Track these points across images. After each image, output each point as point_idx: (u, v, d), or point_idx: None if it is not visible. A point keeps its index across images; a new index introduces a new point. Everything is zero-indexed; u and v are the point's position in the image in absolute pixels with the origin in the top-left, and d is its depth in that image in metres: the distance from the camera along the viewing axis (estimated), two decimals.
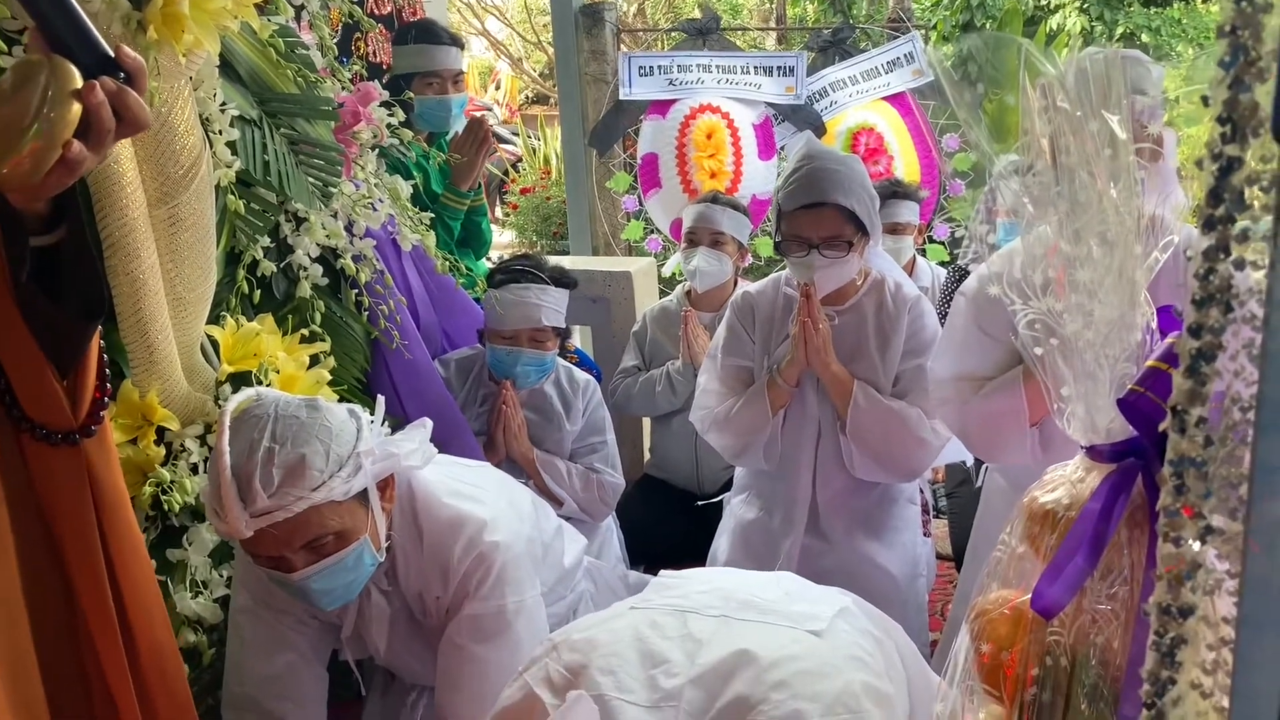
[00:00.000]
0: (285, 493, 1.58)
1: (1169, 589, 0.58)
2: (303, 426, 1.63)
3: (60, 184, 1.08)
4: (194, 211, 1.92)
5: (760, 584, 1.49)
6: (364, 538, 1.71)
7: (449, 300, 2.90)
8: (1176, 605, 0.58)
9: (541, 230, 7.38)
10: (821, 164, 2.37)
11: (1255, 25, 0.47)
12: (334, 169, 2.28)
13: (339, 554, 1.68)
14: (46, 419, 1.28)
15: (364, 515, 1.72)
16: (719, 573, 1.61)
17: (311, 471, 1.60)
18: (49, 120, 1.00)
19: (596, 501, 2.82)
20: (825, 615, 1.35)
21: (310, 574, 1.67)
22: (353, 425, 1.71)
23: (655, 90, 4.72)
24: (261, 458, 1.58)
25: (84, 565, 1.39)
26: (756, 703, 1.17)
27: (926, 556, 2.74)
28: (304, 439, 1.62)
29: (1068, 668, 0.83)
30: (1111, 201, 0.79)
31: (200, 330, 2.06)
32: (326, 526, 1.65)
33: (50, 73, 1.02)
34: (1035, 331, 0.88)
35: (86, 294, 1.22)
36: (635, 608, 1.41)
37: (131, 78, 1.09)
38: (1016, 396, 1.99)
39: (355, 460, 1.66)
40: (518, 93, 11.24)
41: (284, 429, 1.62)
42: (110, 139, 1.08)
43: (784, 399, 2.50)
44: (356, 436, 1.69)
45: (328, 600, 1.74)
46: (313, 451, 1.62)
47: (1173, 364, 0.80)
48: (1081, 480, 0.88)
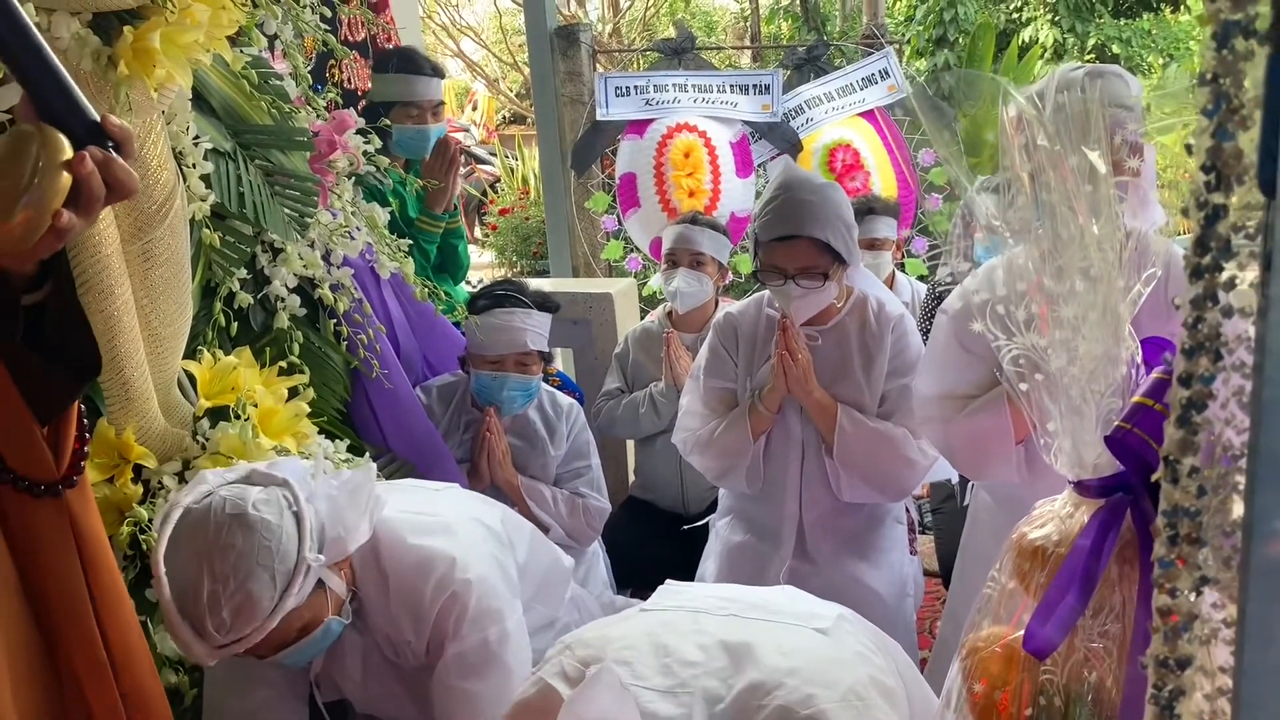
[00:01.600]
0: (240, 628, 1.53)
1: (1165, 641, 0.58)
2: (240, 556, 1.54)
3: (49, 250, 1.10)
4: (168, 247, 1.90)
5: (765, 591, 1.55)
6: (329, 617, 1.70)
7: (429, 327, 2.88)
8: (1174, 657, 0.57)
9: (521, 250, 7.38)
10: (796, 194, 2.35)
11: (1237, 73, 0.47)
12: (310, 199, 2.26)
13: (306, 638, 1.67)
14: (29, 471, 1.27)
15: (323, 599, 1.68)
16: (724, 585, 1.66)
17: (261, 603, 1.54)
18: (39, 190, 1.02)
19: (583, 526, 2.80)
20: (829, 615, 1.41)
21: (279, 658, 1.67)
22: (291, 524, 1.61)
23: (632, 110, 4.73)
24: (208, 603, 1.52)
25: (71, 615, 1.37)
26: (771, 688, 1.20)
27: (914, 575, 2.74)
28: (245, 571, 1.54)
29: (1061, 707, 0.82)
30: (1093, 237, 0.78)
31: (177, 366, 2.03)
32: (290, 630, 1.63)
33: (41, 143, 1.04)
34: (1019, 367, 0.87)
35: (79, 355, 1.23)
36: (646, 610, 1.44)
37: (119, 145, 1.11)
38: (1001, 414, 1.99)
39: (302, 566, 1.59)
40: (494, 113, 11.24)
41: (222, 564, 1.53)
42: (99, 207, 1.10)
43: (765, 425, 2.50)
44: (298, 538, 1.61)
45: (298, 666, 1.77)
46: (259, 584, 1.54)
47: (1159, 399, 0.80)
48: (1070, 515, 0.87)
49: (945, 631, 2.39)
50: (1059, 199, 0.78)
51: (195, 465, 2.00)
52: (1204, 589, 0.56)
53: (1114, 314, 0.80)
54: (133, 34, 1.69)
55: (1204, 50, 0.47)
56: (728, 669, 1.24)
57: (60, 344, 1.20)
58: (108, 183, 1.09)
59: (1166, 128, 1.84)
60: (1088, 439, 0.84)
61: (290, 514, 1.62)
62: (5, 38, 1.04)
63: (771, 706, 1.18)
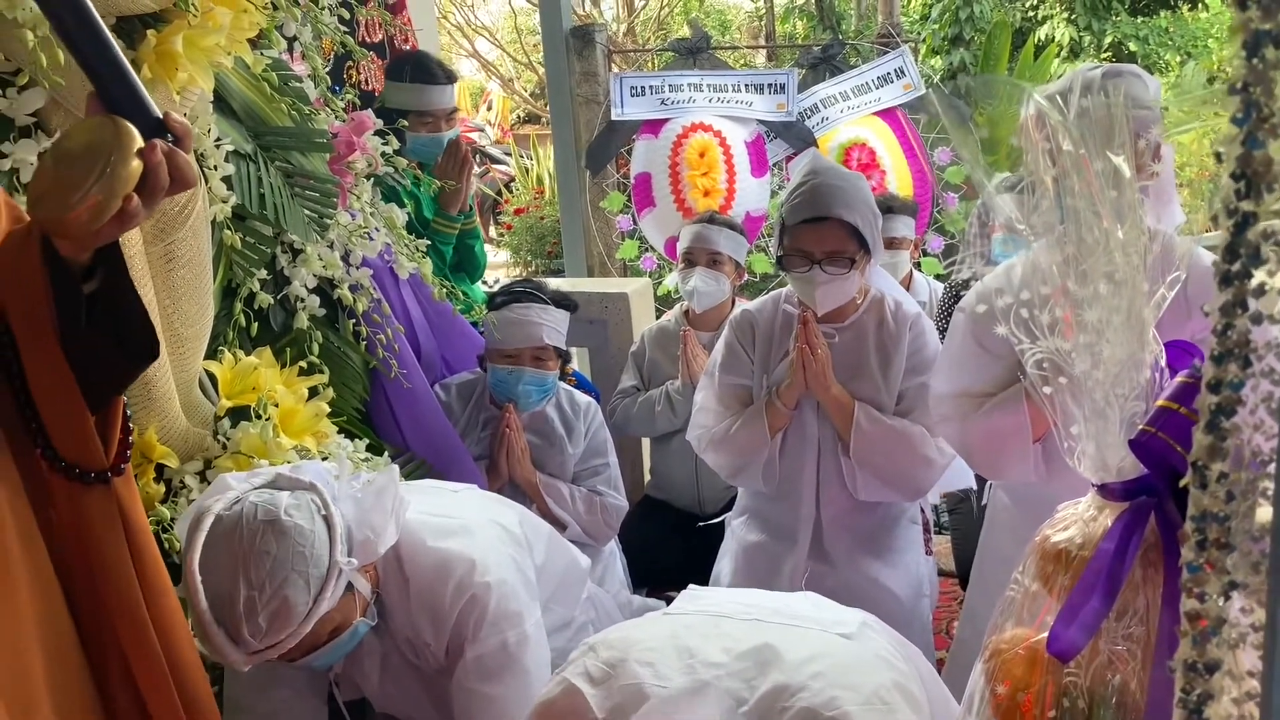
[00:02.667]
0: (276, 632, 1.54)
1: (1194, 645, 0.58)
2: (276, 563, 1.55)
3: (112, 235, 1.16)
4: (190, 248, 1.92)
5: (788, 597, 1.55)
6: (358, 619, 1.71)
7: (448, 327, 2.89)
8: (1203, 662, 0.58)
9: (536, 250, 7.39)
10: (826, 179, 2.37)
11: (1267, 81, 0.47)
12: (329, 200, 2.27)
13: (335, 640, 1.68)
14: (81, 459, 1.29)
15: (352, 601, 1.69)
16: (746, 590, 1.66)
17: (297, 609, 1.55)
18: (111, 175, 1.08)
19: (600, 524, 2.81)
20: (853, 622, 1.41)
21: (308, 660, 1.68)
22: (323, 530, 1.62)
23: (647, 110, 4.73)
24: (244, 610, 1.53)
25: (123, 603, 1.39)
26: (796, 690, 1.20)
27: (930, 575, 2.73)
28: (280, 576, 1.55)
29: (1085, 710, 0.82)
30: (1118, 241, 0.78)
31: (198, 366, 2.05)
32: (321, 634, 1.64)
33: (115, 132, 1.10)
34: (1043, 370, 0.87)
35: (137, 339, 1.27)
36: (668, 614, 1.45)
37: (179, 140, 1.17)
38: (1019, 413, 1.98)
39: (334, 570, 1.61)
40: (509, 113, 11.26)
41: (258, 571, 1.54)
42: (162, 196, 1.16)
43: (782, 421, 2.50)
44: (329, 542, 1.62)
45: (324, 667, 1.77)
46: (294, 589, 1.55)
47: (1184, 403, 0.80)
48: (1094, 519, 0.88)
49: (963, 632, 2.38)
50: (1083, 203, 0.79)
51: (217, 465, 2.02)
52: (1232, 593, 0.57)
53: (1138, 318, 0.81)
54: (156, 37, 1.71)
55: (1235, 59, 0.47)
56: (751, 670, 1.24)
57: (116, 329, 1.25)
58: (171, 174, 1.15)
59: (1185, 128, 1.83)
60: (1111, 442, 0.84)
61: (321, 519, 1.63)
62: (75, 34, 1.10)
63: (796, 708, 1.18)
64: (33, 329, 1.21)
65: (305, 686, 1.92)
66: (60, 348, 1.22)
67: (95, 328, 1.23)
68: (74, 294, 1.20)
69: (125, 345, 1.26)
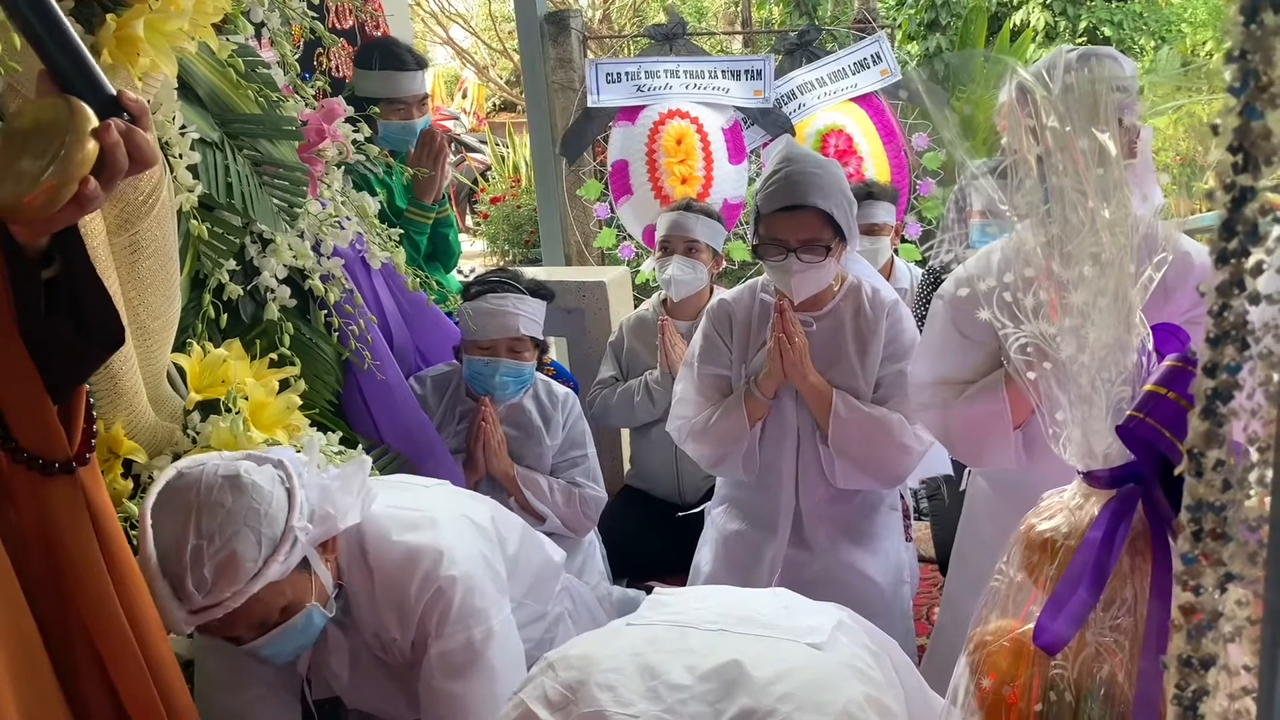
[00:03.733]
0: (221, 590, 1.51)
1: (1189, 639, 0.56)
2: (229, 515, 1.53)
3: (69, 220, 1.12)
4: (155, 238, 1.87)
5: (757, 599, 1.47)
6: (311, 603, 1.67)
7: (422, 318, 2.85)
8: (1198, 657, 0.56)
9: (513, 239, 7.34)
10: (800, 167, 2.35)
11: (1266, 49, 0.45)
12: (299, 189, 2.23)
13: (287, 624, 1.64)
14: (43, 449, 1.26)
15: (307, 582, 1.66)
16: (714, 590, 1.59)
17: (245, 564, 1.52)
18: (66, 158, 1.04)
19: (579, 516, 2.78)
20: (825, 627, 1.34)
21: (259, 645, 1.63)
22: (282, 494, 1.61)
23: (623, 96, 4.70)
24: (190, 559, 1.50)
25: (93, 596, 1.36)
26: (764, 715, 1.15)
27: (910, 562, 2.73)
28: (232, 530, 1.53)
29: (1072, 703, 0.80)
30: (1104, 221, 0.76)
31: (166, 358, 2.01)
32: (271, 607, 1.60)
33: (70, 112, 1.06)
34: (1027, 355, 0.85)
35: (104, 324, 1.25)
36: (631, 624, 1.39)
37: (135, 118, 1.13)
38: (999, 400, 1.98)
39: (290, 536, 1.58)
40: (484, 100, 11.18)
41: (209, 522, 1.52)
42: (121, 178, 1.12)
43: (761, 411, 2.48)
44: (288, 507, 1.60)
45: (281, 658, 1.72)
46: (244, 543, 1.53)
47: (1172, 388, 0.78)
48: (1080, 507, 0.86)
49: (944, 618, 2.38)
50: (1069, 182, 0.76)
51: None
52: (1229, 586, 0.55)
53: (1124, 300, 0.79)
54: (116, 22, 1.66)
55: (1230, 25, 0.45)
56: (717, 692, 1.19)
57: (78, 316, 1.21)
58: (130, 154, 1.11)
59: (1160, 110, 1.82)
60: (1098, 428, 0.82)
61: (282, 486, 1.62)
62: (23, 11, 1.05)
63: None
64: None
65: (278, 684, 1.88)
66: (20, 336, 1.19)
67: (56, 314, 1.20)
68: (32, 280, 1.17)
69: (89, 332, 1.23)
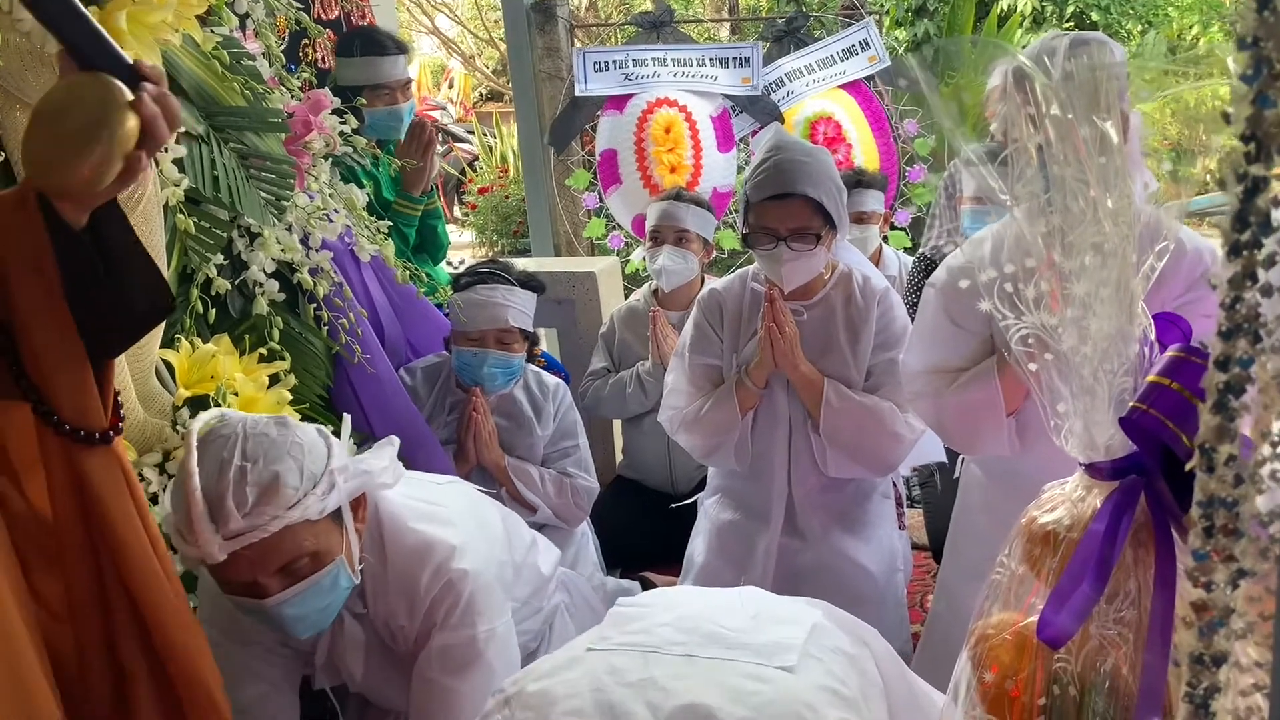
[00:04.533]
0: (260, 512, 1.52)
1: (1201, 637, 0.55)
2: (274, 444, 1.58)
3: (115, 192, 1.17)
4: (142, 233, 1.83)
5: (725, 608, 1.38)
6: (339, 559, 1.66)
7: (411, 310, 2.84)
8: (1209, 654, 0.55)
9: (501, 229, 7.31)
10: (790, 155, 2.34)
11: (1279, 35, 0.44)
12: (286, 182, 2.21)
13: (314, 576, 1.62)
14: (84, 421, 1.29)
15: (339, 535, 1.67)
16: (682, 596, 1.48)
17: (286, 489, 1.55)
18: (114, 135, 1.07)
19: (571, 507, 2.78)
20: (797, 643, 1.26)
21: (285, 599, 1.61)
22: (323, 442, 1.66)
23: (611, 85, 4.67)
24: (234, 477, 1.53)
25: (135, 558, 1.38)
26: None
27: (903, 550, 2.73)
28: (276, 456, 1.57)
29: (1076, 696, 0.80)
30: (1107, 210, 0.75)
31: (154, 355, 1.99)
32: (302, 548, 1.59)
33: (107, 88, 1.08)
34: (1028, 347, 0.84)
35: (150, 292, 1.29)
36: (593, 649, 1.30)
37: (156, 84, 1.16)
38: (991, 388, 1.98)
39: (329, 477, 1.61)
40: (471, 90, 11.12)
41: (255, 446, 1.57)
42: (162, 144, 1.16)
43: (752, 400, 2.47)
44: (328, 453, 1.65)
45: (302, 627, 1.68)
46: (286, 469, 1.56)
47: (1175, 378, 0.77)
48: (1082, 499, 0.85)
49: (938, 606, 2.38)
50: (1072, 171, 0.75)
51: (175, 456, 1.96)
52: (1240, 582, 0.54)
53: (1127, 290, 0.78)
54: (98, 14, 1.63)
55: (1243, 12, 0.44)
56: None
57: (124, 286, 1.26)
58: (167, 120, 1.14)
59: (1151, 97, 1.81)
60: (1100, 420, 0.82)
61: (321, 438, 1.67)
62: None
63: None
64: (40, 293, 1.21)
65: (281, 682, 1.88)
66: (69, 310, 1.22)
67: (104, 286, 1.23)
68: (81, 254, 1.20)
69: (134, 302, 1.28)
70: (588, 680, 1.21)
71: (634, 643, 1.28)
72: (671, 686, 1.17)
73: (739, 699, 1.14)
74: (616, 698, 1.17)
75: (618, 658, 1.25)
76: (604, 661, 1.24)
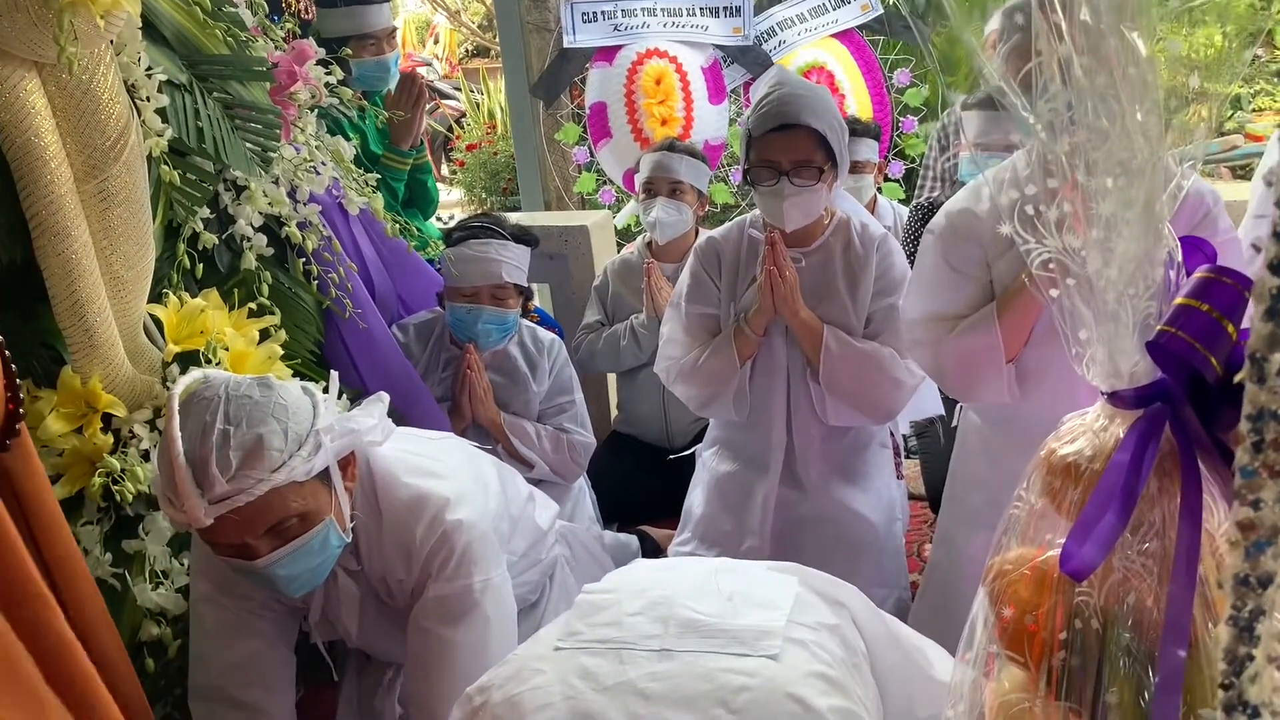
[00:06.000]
0: (244, 475, 1.51)
1: (1247, 558, 0.53)
2: (257, 406, 1.56)
3: None
4: (125, 185, 1.81)
5: (698, 589, 1.28)
6: (328, 519, 1.64)
7: (403, 264, 2.80)
8: (1255, 575, 0.53)
9: (490, 187, 7.23)
10: (793, 89, 2.30)
11: None
12: (272, 132, 2.16)
13: (304, 537, 1.61)
14: None
15: (327, 495, 1.65)
16: (652, 576, 1.37)
17: (270, 452, 1.53)
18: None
19: (568, 462, 2.76)
20: (778, 627, 1.19)
21: (275, 560, 1.60)
22: (308, 402, 1.64)
23: (600, 36, 4.59)
24: (216, 441, 1.51)
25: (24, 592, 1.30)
26: None
27: (900, 500, 2.72)
28: (259, 418, 1.55)
29: (1099, 630, 0.78)
30: (1137, 124, 0.72)
31: (142, 310, 1.96)
32: (289, 509, 1.58)
33: None
34: (1050, 272, 0.81)
35: None
36: (561, 647, 1.21)
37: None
38: (991, 333, 1.96)
39: (314, 438, 1.59)
40: (457, 46, 10.97)
41: (237, 409, 1.54)
42: None
43: (751, 349, 2.45)
44: (313, 413, 1.63)
45: (294, 587, 1.67)
46: (270, 431, 1.54)
47: (1205, 300, 0.75)
48: (1104, 429, 0.83)
49: (937, 554, 2.37)
50: (1103, 81, 0.72)
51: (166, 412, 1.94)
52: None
53: (1154, 210, 0.75)
54: None
55: None
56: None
57: None
58: None
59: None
60: (1124, 347, 0.79)
61: (307, 397, 1.65)
62: None
63: None
64: None
65: (275, 638, 1.87)
66: None
67: None
68: None
69: None
70: (560, 687, 1.13)
71: (605, 638, 1.19)
72: (651, 690, 1.10)
73: (723, 701, 1.08)
74: (594, 707, 1.09)
75: (589, 658, 1.16)
76: (574, 663, 1.16)
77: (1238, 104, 6.39)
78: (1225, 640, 0.55)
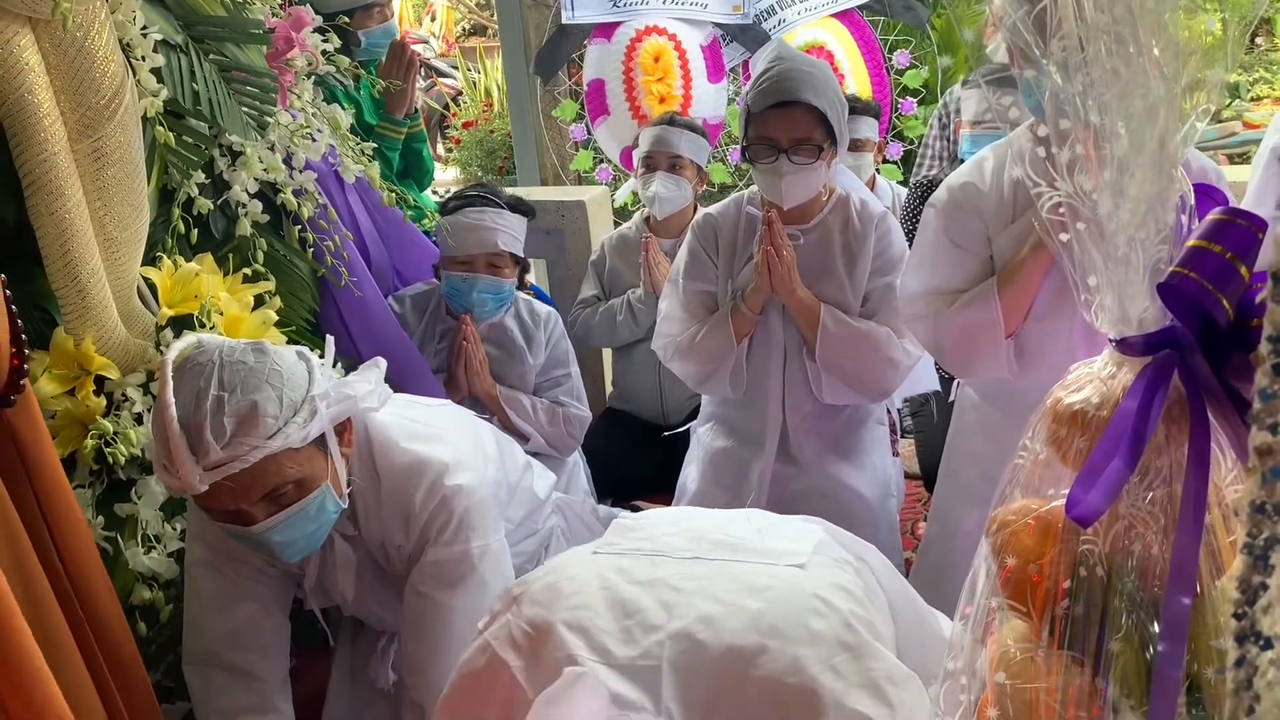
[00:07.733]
0: (239, 442, 1.49)
1: (1264, 484, 0.52)
2: (251, 372, 1.54)
3: None
4: (120, 144, 1.80)
5: (729, 521, 1.37)
6: (325, 485, 1.63)
7: (398, 234, 2.79)
8: (1272, 502, 0.52)
9: (486, 165, 7.20)
10: (793, 64, 2.28)
11: None
12: (268, 97, 2.14)
13: (300, 503, 1.60)
14: None
15: (323, 462, 1.64)
16: (683, 513, 1.45)
17: (265, 419, 1.52)
18: None
19: (563, 435, 2.75)
20: (804, 550, 1.24)
21: (271, 526, 1.59)
22: (303, 368, 1.62)
23: (599, 12, 4.56)
24: (211, 407, 1.49)
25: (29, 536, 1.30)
26: (752, 655, 1.07)
27: (896, 477, 2.72)
28: (254, 385, 1.53)
29: (1104, 577, 0.77)
30: (1154, 60, 0.71)
31: (136, 272, 1.94)
32: (285, 475, 1.57)
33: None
34: (1060, 216, 0.80)
35: None
36: (598, 552, 1.28)
37: None
38: (991, 308, 1.95)
39: (310, 404, 1.58)
40: (454, 24, 10.91)
41: (232, 375, 1.53)
42: None
43: (748, 327, 2.44)
44: (309, 380, 1.61)
45: (290, 552, 1.66)
46: (265, 397, 1.53)
47: (1218, 241, 0.74)
48: (1112, 376, 0.82)
49: (931, 530, 2.37)
50: (1120, 12, 0.71)
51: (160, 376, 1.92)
52: None
53: (1168, 150, 0.74)
54: None
55: None
56: (699, 630, 1.09)
57: None
58: None
59: None
60: (1134, 292, 0.78)
61: (303, 363, 1.63)
62: None
63: (755, 677, 1.05)
64: None
65: (271, 603, 1.86)
66: None
67: None
68: None
69: None
70: (596, 579, 1.18)
71: (640, 548, 1.25)
72: (682, 585, 1.15)
73: (752, 593, 1.13)
74: (627, 595, 1.15)
75: (625, 560, 1.23)
76: (611, 563, 1.22)
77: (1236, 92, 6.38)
78: (1239, 569, 0.55)
